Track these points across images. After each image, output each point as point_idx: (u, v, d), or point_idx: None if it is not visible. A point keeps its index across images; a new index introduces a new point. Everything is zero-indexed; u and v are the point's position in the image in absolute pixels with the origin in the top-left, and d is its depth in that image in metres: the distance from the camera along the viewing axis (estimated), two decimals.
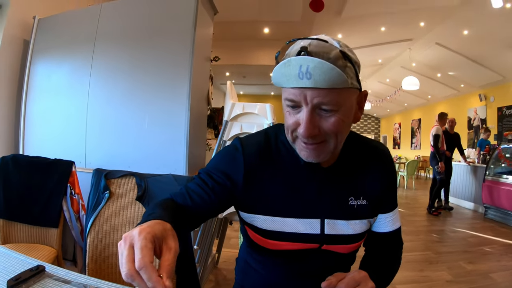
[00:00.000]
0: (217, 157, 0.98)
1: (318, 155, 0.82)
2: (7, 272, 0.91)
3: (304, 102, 0.76)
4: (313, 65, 0.70)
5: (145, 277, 0.56)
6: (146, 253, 0.58)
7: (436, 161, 5.92)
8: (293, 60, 0.72)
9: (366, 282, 0.77)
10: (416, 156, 13.65)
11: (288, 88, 0.78)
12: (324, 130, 0.79)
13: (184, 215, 0.85)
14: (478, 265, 3.52)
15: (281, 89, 0.82)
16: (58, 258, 2.03)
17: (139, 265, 0.56)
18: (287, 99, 0.79)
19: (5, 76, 3.00)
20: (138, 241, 0.59)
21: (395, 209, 1.02)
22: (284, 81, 0.76)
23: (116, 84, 2.62)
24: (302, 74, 0.71)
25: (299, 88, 0.75)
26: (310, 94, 0.74)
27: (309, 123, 0.76)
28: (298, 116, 0.79)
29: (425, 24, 7.14)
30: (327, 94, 0.74)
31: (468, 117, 11.00)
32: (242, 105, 2.43)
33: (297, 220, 0.91)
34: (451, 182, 6.51)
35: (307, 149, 0.82)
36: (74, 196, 2.13)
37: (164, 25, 2.55)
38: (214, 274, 3.13)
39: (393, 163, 1.02)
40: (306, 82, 0.72)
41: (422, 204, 7.03)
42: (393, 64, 10.40)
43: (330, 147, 0.82)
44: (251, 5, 6.13)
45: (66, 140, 2.73)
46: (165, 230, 0.65)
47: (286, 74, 0.74)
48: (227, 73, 10.50)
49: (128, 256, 0.58)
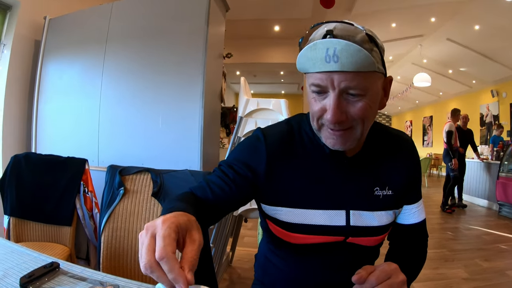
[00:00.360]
0: (238, 148, 0.95)
1: (344, 142, 0.80)
2: (20, 269, 0.89)
3: (331, 87, 0.73)
4: (340, 47, 0.68)
5: (166, 268, 0.52)
6: (168, 243, 0.54)
7: (449, 158, 5.83)
8: (319, 43, 0.70)
9: (397, 275, 0.74)
10: (428, 154, 13.52)
11: (314, 73, 0.75)
12: (351, 115, 0.76)
13: (204, 209, 0.82)
14: (494, 262, 3.47)
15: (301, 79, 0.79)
16: (71, 256, 2.03)
17: (160, 255, 0.52)
18: (313, 84, 0.76)
19: (17, 76, 3.03)
20: (161, 230, 0.55)
21: (420, 200, 1.00)
22: (310, 65, 0.74)
23: (129, 82, 2.62)
24: (329, 57, 0.69)
25: (325, 72, 0.72)
26: (337, 78, 0.72)
27: (336, 108, 0.74)
28: (324, 102, 0.77)
29: (436, 20, 7.05)
30: (354, 78, 0.71)
31: (481, 114, 10.85)
32: (256, 101, 2.41)
33: (321, 211, 0.89)
34: (465, 179, 6.41)
35: (334, 136, 0.79)
36: (88, 194, 2.12)
37: (176, 22, 2.54)
38: (229, 272, 3.11)
39: (417, 153, 1.00)
40: (333, 66, 0.70)
41: (435, 202, 6.95)
42: (404, 61, 10.30)
43: (356, 134, 0.80)
44: (261, 3, 6.10)
45: (79, 139, 2.75)
46: (189, 221, 0.61)
47: (312, 58, 0.72)
48: (237, 71, 10.49)
49: (148, 246, 0.54)
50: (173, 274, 0.52)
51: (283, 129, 0.94)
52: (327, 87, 0.74)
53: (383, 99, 0.85)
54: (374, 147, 0.93)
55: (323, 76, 0.73)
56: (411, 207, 0.98)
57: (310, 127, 0.91)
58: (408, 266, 0.90)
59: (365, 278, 0.71)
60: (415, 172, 0.97)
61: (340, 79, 0.71)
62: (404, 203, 0.97)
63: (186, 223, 0.60)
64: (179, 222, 0.58)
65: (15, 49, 2.98)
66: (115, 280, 0.88)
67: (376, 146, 0.94)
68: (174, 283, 0.52)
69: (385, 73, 0.81)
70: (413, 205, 0.98)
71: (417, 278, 0.94)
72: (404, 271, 0.77)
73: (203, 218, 0.78)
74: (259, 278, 1.11)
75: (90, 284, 0.84)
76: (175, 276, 0.52)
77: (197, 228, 0.62)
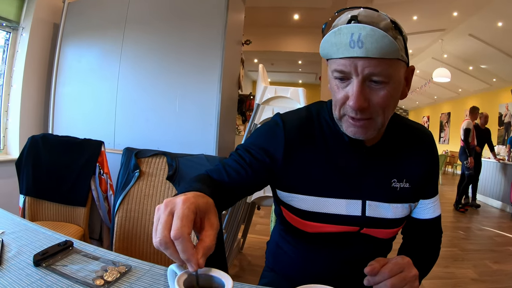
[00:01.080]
0: (256, 132, 0.95)
1: (365, 132, 0.79)
2: (34, 247, 0.90)
3: (354, 73, 0.72)
4: (365, 32, 0.67)
5: (180, 248, 0.52)
6: (185, 224, 0.53)
7: (465, 156, 5.74)
8: (344, 28, 0.69)
9: (410, 269, 0.73)
10: (444, 151, 13.31)
11: (337, 59, 0.74)
12: (373, 104, 0.75)
13: (220, 192, 0.82)
14: (504, 265, 3.43)
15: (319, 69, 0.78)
16: (85, 236, 2.06)
17: (176, 235, 0.52)
18: (336, 70, 0.75)
19: (36, 59, 3.06)
20: (180, 209, 0.55)
21: (436, 196, 0.99)
22: (334, 51, 0.73)
23: (146, 66, 2.63)
24: (354, 43, 0.68)
25: (349, 58, 0.71)
26: (361, 64, 0.70)
27: (359, 94, 0.72)
28: (347, 90, 0.76)
29: (458, 14, 6.89)
30: (378, 64, 0.70)
31: (499, 113, 10.61)
32: (274, 88, 2.40)
33: (337, 200, 0.88)
34: (480, 179, 6.32)
35: (355, 126, 0.78)
36: (103, 176, 2.15)
37: (195, 7, 2.53)
38: (239, 259, 3.14)
39: (436, 147, 0.99)
40: (357, 51, 0.69)
41: (448, 200, 6.87)
42: (424, 55, 10.11)
43: (377, 124, 0.79)
44: None
45: (95, 121, 2.78)
46: (208, 204, 0.61)
47: (336, 43, 0.71)
48: (255, 59, 10.44)
49: (165, 223, 0.54)
50: (186, 255, 0.52)
51: (302, 116, 0.93)
52: (351, 73, 0.73)
53: (405, 89, 0.83)
54: (393, 138, 0.92)
55: (346, 62, 0.72)
56: (427, 202, 0.97)
57: (330, 114, 0.91)
58: (421, 261, 0.89)
59: (378, 270, 0.71)
60: (433, 166, 0.96)
61: (364, 65, 0.70)
62: (421, 197, 0.96)
63: (205, 205, 0.60)
64: (198, 204, 0.58)
65: (33, 32, 3.00)
66: (127, 261, 0.88)
67: (395, 137, 0.92)
68: (186, 262, 0.53)
69: (408, 62, 0.80)
70: (430, 199, 0.97)
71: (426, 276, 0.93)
72: (416, 265, 0.76)
73: (219, 201, 0.78)
74: (269, 265, 1.11)
75: (102, 264, 0.85)
76: (188, 257, 0.52)
77: (215, 212, 0.62)
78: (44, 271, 0.78)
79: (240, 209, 2.61)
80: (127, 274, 0.81)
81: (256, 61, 10.57)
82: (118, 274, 0.80)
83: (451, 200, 6.65)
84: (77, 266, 0.83)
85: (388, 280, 0.70)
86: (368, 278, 0.72)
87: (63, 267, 0.81)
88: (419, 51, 10.03)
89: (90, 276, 0.78)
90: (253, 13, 6.34)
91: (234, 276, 2.14)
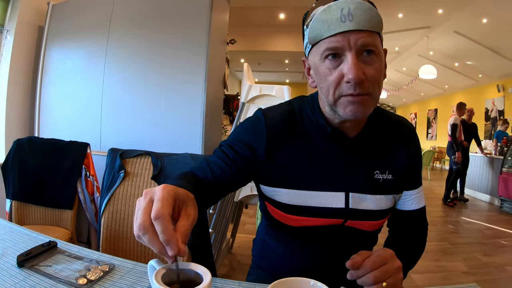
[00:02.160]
0: (239, 128, 0.95)
1: (363, 109, 0.77)
2: (18, 248, 0.90)
3: (348, 47, 0.73)
4: (353, 6, 0.70)
5: (159, 229, 0.52)
6: (166, 205, 0.54)
7: (453, 151, 5.81)
8: (333, 5, 0.71)
9: (393, 261, 0.73)
10: (432, 147, 13.43)
11: (328, 37, 0.74)
12: (369, 77, 0.75)
13: (204, 189, 0.82)
14: (494, 257, 3.48)
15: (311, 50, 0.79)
16: (72, 239, 2.05)
17: (157, 214, 0.52)
18: (328, 48, 0.74)
19: (21, 61, 3.02)
20: (160, 193, 0.55)
21: (420, 187, 1.00)
22: (325, 29, 0.73)
23: (131, 67, 2.62)
24: (344, 17, 0.70)
25: (341, 34, 0.72)
26: (353, 36, 0.72)
27: (356, 65, 0.72)
28: (341, 68, 0.75)
29: (443, 11, 6.96)
30: (369, 35, 0.73)
31: (486, 108, 10.74)
32: (259, 87, 2.41)
33: (321, 193, 0.88)
34: (467, 174, 6.40)
35: (354, 102, 0.76)
36: (89, 178, 2.14)
37: (179, 7, 2.52)
38: (229, 258, 3.14)
39: (418, 139, 1.00)
40: (348, 25, 0.71)
41: (437, 195, 6.95)
42: (410, 52, 10.19)
43: (374, 100, 0.79)
44: None
45: (81, 124, 2.76)
46: (187, 195, 0.62)
47: (327, 21, 0.72)
48: (241, 59, 10.45)
49: (145, 209, 0.54)
50: (166, 235, 0.52)
51: (284, 110, 0.93)
52: (344, 48, 0.73)
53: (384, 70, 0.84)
54: (376, 130, 0.93)
55: (339, 37, 0.72)
56: (411, 193, 0.98)
57: (311, 108, 0.91)
58: (406, 253, 0.90)
59: (360, 264, 0.71)
60: (415, 157, 0.97)
61: (357, 37, 0.72)
62: (404, 189, 0.97)
63: (184, 196, 0.61)
64: (178, 192, 0.59)
65: (18, 34, 2.97)
66: (111, 260, 0.88)
67: (377, 129, 0.93)
68: (165, 244, 0.52)
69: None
70: (413, 191, 0.98)
71: (416, 270, 0.94)
72: (401, 258, 0.76)
73: (203, 198, 0.78)
74: (256, 262, 1.11)
75: (86, 263, 0.84)
76: (168, 237, 0.52)
77: (193, 205, 0.62)
78: (28, 272, 0.78)
79: (228, 208, 2.61)
80: (110, 273, 0.81)
81: (243, 61, 10.53)
82: (101, 273, 0.80)
83: (439, 195, 6.73)
84: (60, 266, 0.83)
85: (371, 273, 0.70)
86: (350, 272, 0.72)
87: (47, 267, 0.81)
88: (405, 49, 10.10)
89: (73, 276, 0.78)
90: (239, 13, 6.32)
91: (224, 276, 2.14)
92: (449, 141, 5.91)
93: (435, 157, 12.73)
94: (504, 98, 9.82)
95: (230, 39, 3.42)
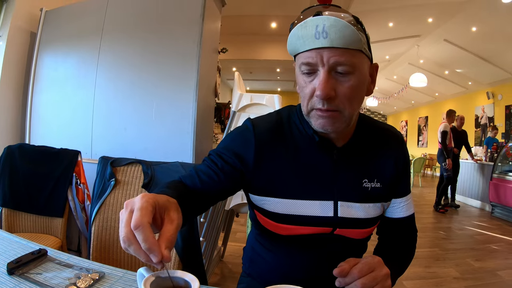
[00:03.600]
0: (228, 137, 0.96)
1: (333, 124, 0.80)
2: (8, 256, 0.89)
3: (320, 64, 0.74)
4: (329, 23, 0.70)
5: (140, 238, 0.52)
6: (144, 214, 0.54)
7: (443, 158, 5.87)
8: (309, 21, 0.72)
9: (381, 268, 0.74)
10: (423, 154, 13.56)
11: (303, 52, 0.76)
12: (340, 94, 0.77)
13: (192, 197, 0.82)
14: (486, 262, 3.50)
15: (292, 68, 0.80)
16: (63, 247, 2.02)
17: (136, 224, 0.52)
18: (303, 63, 0.77)
19: (12, 67, 3.01)
20: (139, 203, 0.56)
21: (408, 194, 1.01)
22: (300, 43, 0.75)
23: (123, 75, 2.61)
24: (319, 34, 0.71)
25: (315, 50, 0.74)
26: (326, 53, 0.73)
27: (326, 83, 0.74)
28: (314, 83, 0.78)
29: (433, 20, 7.07)
30: (343, 54, 0.73)
31: (476, 115, 10.88)
32: (250, 95, 2.41)
33: (309, 202, 0.89)
34: (458, 180, 6.45)
35: (323, 117, 0.79)
36: (80, 186, 2.12)
37: (171, 16, 2.53)
38: (220, 267, 3.12)
39: (406, 147, 1.01)
40: (322, 42, 0.72)
41: (428, 202, 6.99)
42: (401, 60, 10.32)
43: (345, 117, 0.80)
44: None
45: (72, 131, 2.74)
46: (168, 201, 0.62)
47: (302, 36, 0.74)
48: (233, 68, 10.49)
49: (126, 221, 0.54)
50: (147, 243, 0.52)
51: (273, 119, 0.94)
52: (317, 65, 0.75)
53: (370, 85, 0.86)
54: (363, 139, 0.94)
55: (313, 53, 0.74)
56: (400, 201, 0.98)
57: (299, 118, 0.92)
58: (395, 260, 0.90)
59: (348, 271, 0.71)
60: (404, 165, 0.98)
61: (329, 54, 0.73)
62: (393, 197, 0.98)
63: (164, 202, 0.61)
64: (157, 200, 0.59)
65: (10, 40, 2.96)
66: (101, 268, 0.88)
67: (365, 138, 0.94)
68: (148, 253, 0.53)
69: (371, 59, 0.83)
70: (402, 198, 0.99)
71: (408, 276, 0.94)
72: (390, 265, 0.77)
73: (191, 206, 0.79)
74: (246, 270, 1.11)
75: (76, 271, 0.84)
76: (149, 246, 0.52)
77: (176, 209, 0.62)
78: (18, 279, 0.78)
79: (219, 217, 2.60)
80: (100, 281, 0.81)
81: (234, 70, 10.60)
82: (91, 281, 0.80)
83: (431, 201, 6.77)
84: (50, 273, 0.82)
85: (358, 280, 0.70)
86: (338, 279, 0.73)
87: (37, 275, 0.81)
88: (396, 57, 10.24)
89: (63, 283, 0.78)
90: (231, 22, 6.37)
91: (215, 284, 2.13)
92: (439, 148, 5.96)
93: (426, 164, 12.83)
94: (494, 105, 9.97)
95: (221, 48, 3.43)
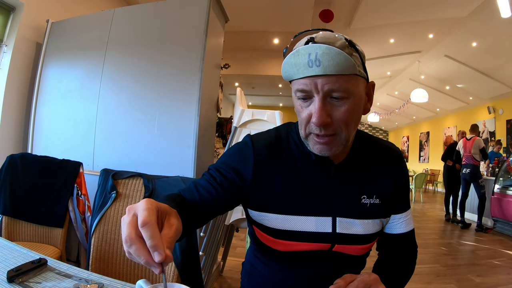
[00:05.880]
0: (227, 153, 0.96)
1: (330, 148, 0.81)
2: (8, 264, 0.90)
3: (315, 91, 0.75)
4: (321, 51, 0.70)
5: (147, 235, 0.53)
6: (151, 213, 0.55)
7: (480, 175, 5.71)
8: (301, 50, 0.72)
9: (377, 285, 0.74)
10: (424, 169, 13.50)
11: (298, 79, 0.77)
12: (336, 119, 0.78)
13: (191, 210, 0.83)
14: (487, 278, 3.46)
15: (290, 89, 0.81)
16: (62, 258, 2.02)
17: (143, 221, 0.53)
18: (298, 90, 0.78)
19: (17, 77, 3.06)
20: (144, 205, 0.57)
21: (408, 210, 1.01)
22: (294, 71, 0.76)
23: (126, 88, 2.64)
24: (311, 62, 0.71)
25: (309, 77, 0.74)
26: (320, 81, 0.74)
27: (321, 110, 0.75)
28: (310, 108, 0.79)
29: (434, 36, 7.13)
30: (336, 80, 0.73)
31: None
32: (251, 111, 2.43)
33: (308, 218, 0.89)
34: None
35: (320, 143, 0.80)
36: (81, 197, 2.13)
37: (175, 31, 2.57)
38: (219, 282, 3.09)
39: (405, 163, 1.01)
40: (315, 70, 0.72)
41: (429, 217, 6.95)
42: (402, 76, 10.37)
43: (341, 140, 0.81)
44: (261, 15, 6.14)
45: (75, 142, 2.76)
46: (169, 209, 0.63)
47: (295, 64, 0.74)
48: (236, 83, 10.55)
49: (130, 223, 0.55)
50: (154, 240, 0.53)
51: (271, 136, 0.95)
52: (312, 92, 0.76)
53: (366, 104, 0.86)
54: (361, 155, 0.94)
55: (307, 81, 0.75)
56: (399, 217, 0.98)
57: (298, 135, 0.93)
58: (394, 276, 0.91)
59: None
60: (403, 181, 0.98)
61: (323, 82, 0.74)
62: (392, 213, 0.98)
63: (165, 208, 0.62)
64: (159, 205, 0.60)
65: (16, 50, 3.01)
66: (100, 279, 0.89)
67: (363, 154, 0.95)
68: (153, 250, 0.53)
69: (367, 78, 0.84)
70: (401, 214, 0.99)
71: None
72: (389, 281, 0.77)
73: (189, 219, 0.79)
74: (245, 285, 1.11)
75: (75, 281, 0.85)
76: (155, 243, 0.53)
77: (176, 216, 0.63)
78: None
79: (218, 231, 2.59)
80: None
81: (237, 85, 10.69)
82: None
83: (432, 217, 6.75)
84: (50, 283, 0.83)
85: None
86: None
87: (36, 284, 0.82)
88: (397, 73, 10.30)
89: None
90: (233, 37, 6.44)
91: None
92: (475, 165, 5.81)
93: (428, 179, 12.78)
94: (495, 120, 9.97)
95: (224, 64, 3.46)
